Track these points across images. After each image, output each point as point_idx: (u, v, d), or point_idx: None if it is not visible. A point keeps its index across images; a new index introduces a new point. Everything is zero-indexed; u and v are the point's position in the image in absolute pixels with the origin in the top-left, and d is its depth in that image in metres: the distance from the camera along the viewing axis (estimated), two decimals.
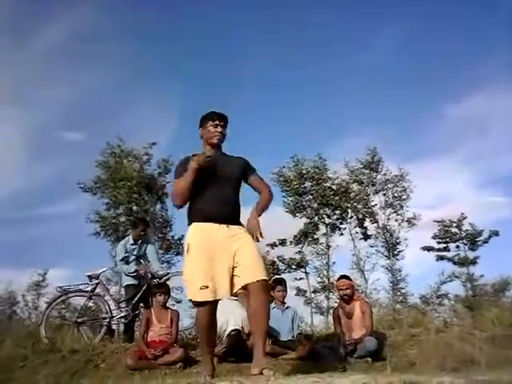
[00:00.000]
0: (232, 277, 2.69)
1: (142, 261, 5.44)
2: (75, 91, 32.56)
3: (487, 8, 32.81)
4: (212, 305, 2.71)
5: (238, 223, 2.85)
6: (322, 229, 21.32)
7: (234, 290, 2.74)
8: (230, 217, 2.83)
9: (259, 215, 2.84)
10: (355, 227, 21.64)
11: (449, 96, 38.02)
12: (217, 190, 2.82)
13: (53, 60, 31.42)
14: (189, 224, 2.86)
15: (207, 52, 34.43)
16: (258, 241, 2.75)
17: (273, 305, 4.59)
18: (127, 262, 5.42)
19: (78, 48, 32.08)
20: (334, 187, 20.98)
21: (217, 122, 2.94)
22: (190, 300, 2.71)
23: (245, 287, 2.71)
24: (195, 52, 35.42)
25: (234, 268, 2.70)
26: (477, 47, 34.83)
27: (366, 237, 21.52)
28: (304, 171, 20.93)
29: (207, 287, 2.62)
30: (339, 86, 33.92)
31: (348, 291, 4.42)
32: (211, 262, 2.68)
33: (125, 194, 18.71)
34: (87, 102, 32.44)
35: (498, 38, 35.92)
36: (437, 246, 23.66)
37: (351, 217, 21.52)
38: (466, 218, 23.13)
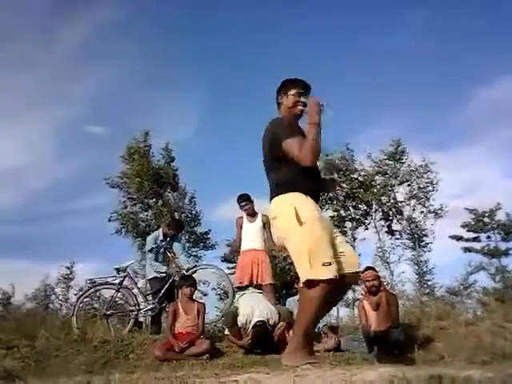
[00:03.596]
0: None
1: (168, 254, 5.54)
2: (101, 87, 33.24)
3: None
4: (333, 287, 2.35)
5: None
6: (348, 222, 21.13)
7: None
8: (319, 196, 2.77)
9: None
10: (380, 220, 21.32)
11: (478, 79, 36.56)
12: (315, 167, 2.66)
13: (79, 57, 32.09)
14: (285, 191, 2.55)
15: (230, 48, 34.39)
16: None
17: (297, 297, 4.60)
18: (156, 256, 5.55)
19: (104, 45, 32.70)
20: (360, 179, 20.67)
21: (301, 91, 2.71)
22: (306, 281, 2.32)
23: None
24: (219, 47, 35.42)
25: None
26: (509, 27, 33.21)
27: (392, 231, 21.15)
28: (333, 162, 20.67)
29: (330, 264, 2.32)
30: (362, 73, 33.23)
31: (375, 282, 4.37)
32: (330, 239, 2.45)
33: (136, 189, 18.86)
34: (113, 97, 33.09)
35: None
36: (466, 236, 23.09)
37: (375, 210, 21.18)
38: (500, 208, 22.41)
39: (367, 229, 21.20)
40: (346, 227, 21.08)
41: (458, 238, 23.15)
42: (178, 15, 35.19)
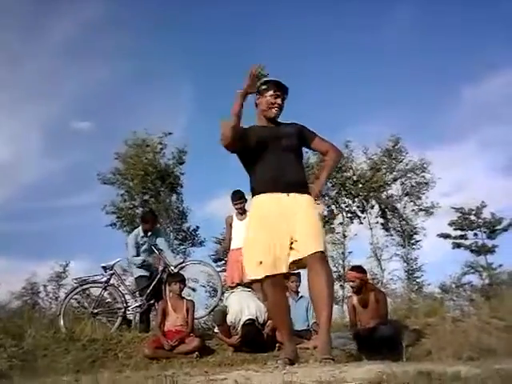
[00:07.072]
0: (291, 250, 2.58)
1: (154, 250, 5.46)
2: (89, 83, 32.76)
3: None
4: (277, 280, 2.62)
5: (299, 190, 2.67)
6: (339, 218, 21.18)
7: (290, 261, 2.59)
8: (290, 184, 2.66)
9: (327, 176, 2.90)
10: (376, 217, 21.37)
11: (466, 77, 36.92)
12: (275, 160, 2.67)
13: (66, 53, 31.56)
14: (252, 195, 2.78)
15: (221, 43, 34.19)
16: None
17: (287, 294, 4.61)
18: (138, 254, 5.44)
19: (92, 40, 32.24)
20: (354, 178, 20.65)
21: (278, 93, 2.74)
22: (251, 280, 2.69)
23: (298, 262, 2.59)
24: (209, 43, 35.16)
25: (292, 242, 2.58)
26: (498, 26, 33.48)
27: (387, 228, 21.23)
28: None
29: (261, 263, 2.54)
30: (351, 70, 33.30)
31: (354, 283, 4.37)
32: (270, 235, 2.57)
33: (139, 184, 18.74)
34: (102, 93, 32.65)
35: None
36: (453, 234, 23.37)
37: (372, 207, 21.22)
38: (486, 206, 22.71)
39: (362, 223, 21.23)
40: (333, 224, 21.15)
41: (446, 236, 23.42)
42: (166, 11, 34.87)
